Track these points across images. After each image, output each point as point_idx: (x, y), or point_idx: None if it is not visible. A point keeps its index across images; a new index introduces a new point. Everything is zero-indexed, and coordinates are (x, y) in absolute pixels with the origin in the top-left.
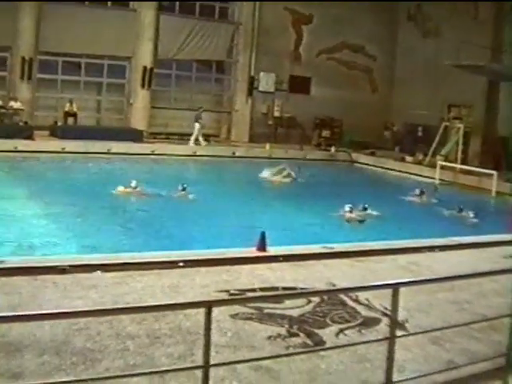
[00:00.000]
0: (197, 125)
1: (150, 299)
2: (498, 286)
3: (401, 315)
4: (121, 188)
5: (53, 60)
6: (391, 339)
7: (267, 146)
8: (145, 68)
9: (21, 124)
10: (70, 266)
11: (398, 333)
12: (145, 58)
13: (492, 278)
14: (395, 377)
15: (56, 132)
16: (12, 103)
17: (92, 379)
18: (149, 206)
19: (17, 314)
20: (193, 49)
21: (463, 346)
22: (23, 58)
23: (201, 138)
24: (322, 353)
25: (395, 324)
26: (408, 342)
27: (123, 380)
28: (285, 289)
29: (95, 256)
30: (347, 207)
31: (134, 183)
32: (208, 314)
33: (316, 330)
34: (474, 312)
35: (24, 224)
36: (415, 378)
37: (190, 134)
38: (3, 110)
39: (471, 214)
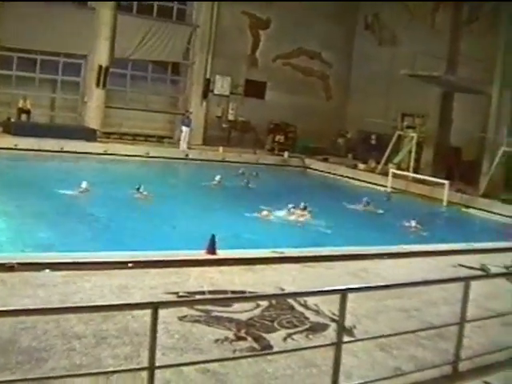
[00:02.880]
0: (184, 128)
1: (98, 299)
2: (446, 295)
3: (349, 321)
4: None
5: (8, 55)
6: (338, 345)
7: (220, 149)
8: (100, 67)
9: None
10: (18, 263)
11: (346, 339)
12: (101, 56)
13: (441, 287)
14: (342, 383)
15: (9, 128)
16: None
17: (37, 379)
18: (100, 206)
19: None
20: (149, 49)
21: (411, 353)
22: None
23: (185, 143)
24: (270, 357)
25: (342, 329)
26: (356, 348)
27: (68, 380)
28: (234, 292)
29: (44, 254)
30: (266, 210)
31: (84, 184)
32: (154, 315)
33: (264, 334)
34: (423, 320)
35: None
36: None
37: (143, 135)
38: None
39: (413, 224)
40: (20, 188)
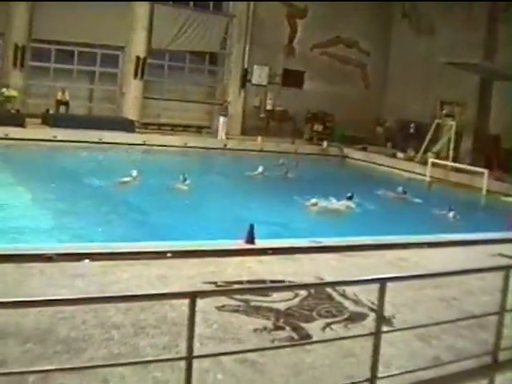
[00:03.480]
0: (222, 118)
1: (136, 289)
2: (485, 284)
3: (388, 311)
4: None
5: (46, 48)
6: (377, 334)
7: (259, 139)
8: (138, 58)
9: (12, 111)
10: (56, 254)
11: (385, 328)
12: (138, 47)
13: (480, 276)
14: (380, 372)
15: (48, 120)
16: (4, 90)
17: (75, 368)
18: (142, 196)
19: (0, 300)
20: (186, 40)
21: (449, 343)
22: (16, 45)
23: (223, 133)
24: (308, 347)
25: (381, 319)
26: (394, 337)
27: (107, 370)
28: (272, 282)
29: (82, 245)
30: (314, 199)
31: (134, 173)
32: (192, 305)
33: (302, 324)
34: (461, 309)
35: (12, 211)
36: (400, 374)
37: (181, 125)
38: None
39: (451, 214)
40: (61, 179)
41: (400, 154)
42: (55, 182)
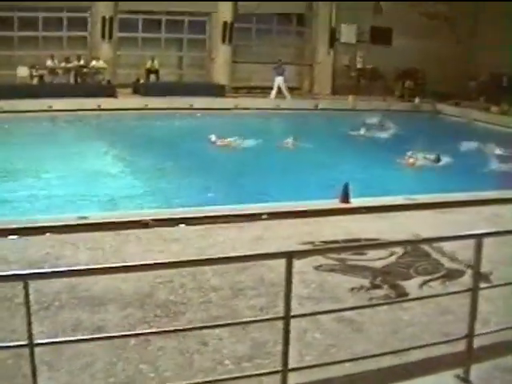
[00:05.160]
0: (278, 78)
1: (232, 252)
2: None
3: (485, 267)
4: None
5: (133, 18)
6: (474, 291)
7: (350, 97)
8: (225, 23)
9: (103, 83)
10: (152, 220)
11: (482, 285)
12: (225, 12)
13: None
14: (478, 329)
15: (138, 89)
16: (94, 62)
17: (175, 331)
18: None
19: (99, 266)
20: (273, 2)
21: None
22: (103, 18)
23: (286, 92)
24: (405, 305)
25: (478, 275)
26: (492, 294)
27: (205, 332)
28: (368, 240)
29: (177, 210)
30: (409, 154)
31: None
32: (289, 265)
33: (399, 282)
34: None
35: (109, 180)
36: (499, 330)
37: (272, 88)
38: (86, 70)
39: None
40: (160, 145)
41: (494, 108)
42: (154, 150)
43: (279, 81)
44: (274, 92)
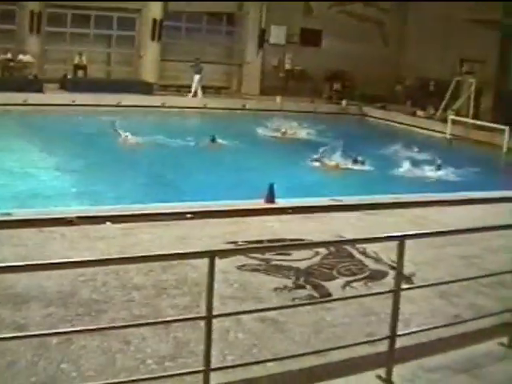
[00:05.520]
0: (196, 77)
1: (157, 250)
2: (506, 242)
3: (408, 269)
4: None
5: (62, 13)
6: (396, 292)
7: (278, 98)
8: (155, 20)
9: (30, 77)
10: (77, 217)
11: (405, 286)
12: (155, 10)
13: (501, 234)
14: (400, 330)
15: (66, 85)
16: (21, 56)
17: (97, 329)
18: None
19: (22, 263)
20: (203, 1)
21: (470, 300)
22: (32, 12)
23: (199, 91)
24: (328, 305)
25: (401, 277)
26: (415, 295)
27: (128, 331)
28: (292, 240)
29: (103, 208)
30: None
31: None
32: (211, 264)
33: (323, 283)
34: (482, 267)
35: (33, 177)
36: (420, 331)
37: (202, 87)
38: (12, 64)
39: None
40: (81, 143)
41: (420, 112)
42: (76, 147)
43: (196, 79)
44: (193, 91)
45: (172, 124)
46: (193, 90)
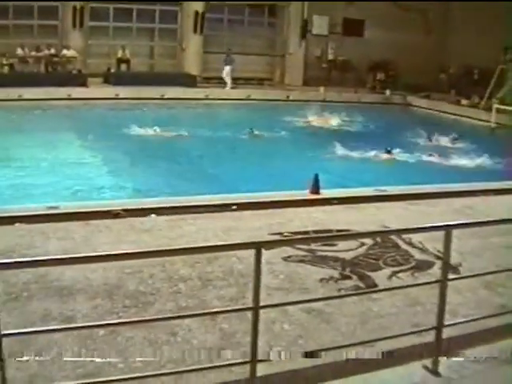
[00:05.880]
0: (227, 68)
1: (202, 242)
2: None
3: (455, 259)
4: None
5: (104, 7)
6: (443, 282)
7: (321, 89)
8: (196, 13)
9: (74, 72)
10: (123, 210)
11: (451, 276)
12: (196, 2)
13: None
14: (447, 320)
15: (109, 79)
16: (65, 51)
17: (144, 321)
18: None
19: (69, 256)
20: None
21: None
22: (74, 7)
23: (229, 81)
24: (375, 296)
25: (447, 267)
26: (461, 285)
27: (175, 322)
28: (338, 231)
29: (148, 200)
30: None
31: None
32: (257, 255)
33: (369, 273)
34: None
35: (79, 170)
36: (467, 321)
37: (243, 78)
38: (56, 59)
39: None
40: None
41: (464, 101)
42: (121, 140)
43: (227, 70)
44: (229, 82)
45: (214, 116)
46: (228, 81)
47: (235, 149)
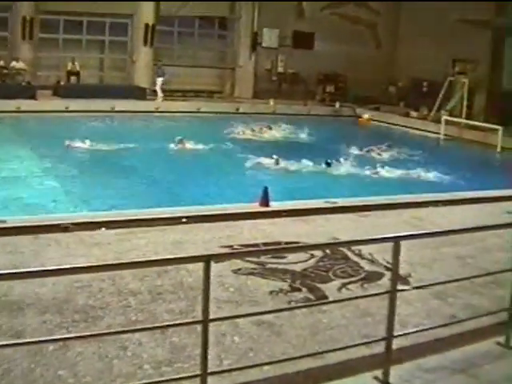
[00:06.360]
0: (159, 79)
1: (152, 255)
2: (501, 241)
3: (404, 270)
4: None
5: (54, 19)
6: (392, 293)
7: (271, 101)
8: (147, 25)
9: (23, 84)
10: (72, 224)
11: (401, 287)
12: (147, 15)
13: (495, 233)
14: (397, 331)
15: (59, 91)
16: (14, 63)
17: (94, 335)
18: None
19: (18, 271)
20: (195, 5)
21: (466, 300)
22: (24, 18)
23: (160, 92)
24: (325, 307)
25: (397, 278)
26: (411, 296)
27: (125, 336)
28: (287, 243)
29: (98, 214)
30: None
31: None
32: (207, 268)
33: (319, 285)
34: (478, 267)
35: (27, 183)
36: (417, 331)
37: (193, 91)
38: (5, 71)
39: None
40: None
41: (413, 113)
42: (69, 153)
43: (159, 82)
44: (159, 95)
45: (157, 129)
46: (159, 93)
47: (159, 161)
